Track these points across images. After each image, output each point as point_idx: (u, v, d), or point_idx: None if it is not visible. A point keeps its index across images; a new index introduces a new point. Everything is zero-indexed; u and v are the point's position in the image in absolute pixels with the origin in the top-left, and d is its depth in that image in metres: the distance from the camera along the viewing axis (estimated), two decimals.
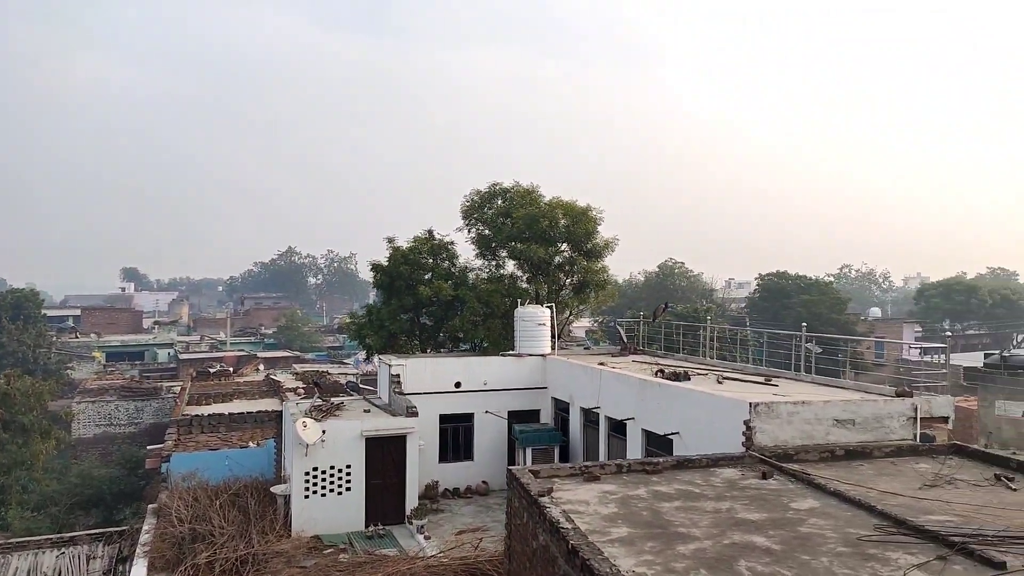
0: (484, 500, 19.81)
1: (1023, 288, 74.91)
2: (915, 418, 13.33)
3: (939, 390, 14.28)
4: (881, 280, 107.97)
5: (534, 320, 22.22)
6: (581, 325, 60.71)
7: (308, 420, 17.08)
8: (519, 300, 23.72)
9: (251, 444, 25.42)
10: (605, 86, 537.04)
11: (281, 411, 23.78)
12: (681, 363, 20.17)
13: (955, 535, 8.17)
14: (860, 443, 12.84)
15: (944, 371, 14.78)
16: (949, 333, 46.00)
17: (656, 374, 16.89)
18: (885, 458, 12.52)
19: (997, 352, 32.62)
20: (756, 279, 58.71)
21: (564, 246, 26.40)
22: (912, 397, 13.60)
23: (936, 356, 43.28)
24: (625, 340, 23.80)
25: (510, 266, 27.23)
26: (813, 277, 55.58)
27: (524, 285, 26.37)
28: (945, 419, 13.61)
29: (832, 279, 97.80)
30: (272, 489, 18.55)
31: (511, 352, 22.52)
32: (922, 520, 8.88)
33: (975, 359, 39.39)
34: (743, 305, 63.44)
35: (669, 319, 28.12)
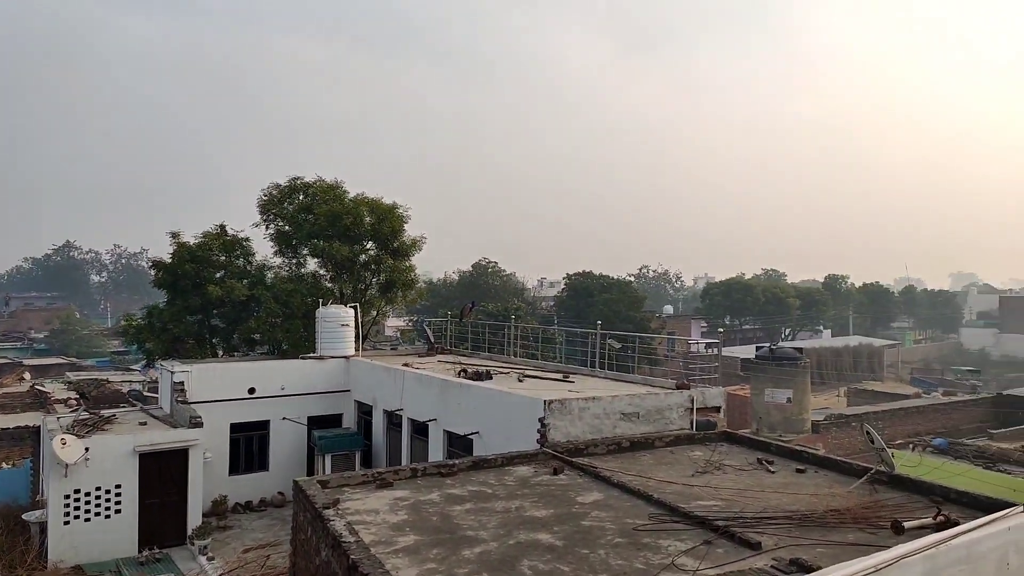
0: (280, 512, 18.66)
1: (790, 287, 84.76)
2: (692, 408, 14.31)
3: (712, 382, 15.47)
4: (674, 280, 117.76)
5: (337, 320, 21.35)
6: (396, 324, 60.04)
7: (68, 436, 15.05)
8: (321, 300, 22.69)
9: (4, 465, 22.11)
10: (418, 83, 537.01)
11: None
12: (486, 362, 20.31)
13: (719, 519, 8.74)
14: (644, 434, 13.55)
15: (716, 364, 15.97)
16: (721, 330, 50.78)
17: (459, 374, 16.81)
18: (665, 447, 13.31)
19: (767, 345, 36.55)
20: (564, 279, 61.25)
21: (370, 244, 25.67)
22: (689, 389, 14.59)
23: (712, 349, 47.68)
24: (432, 340, 23.61)
25: (312, 264, 26.04)
26: (615, 277, 59.00)
27: (327, 284, 25.30)
28: (717, 408, 14.73)
29: (633, 279, 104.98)
30: (24, 516, 16.18)
31: (312, 354, 21.48)
32: (692, 506, 9.42)
33: (750, 351, 43.76)
34: (552, 304, 66.00)
35: (478, 318, 28.36)
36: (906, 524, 8.19)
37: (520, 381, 16.16)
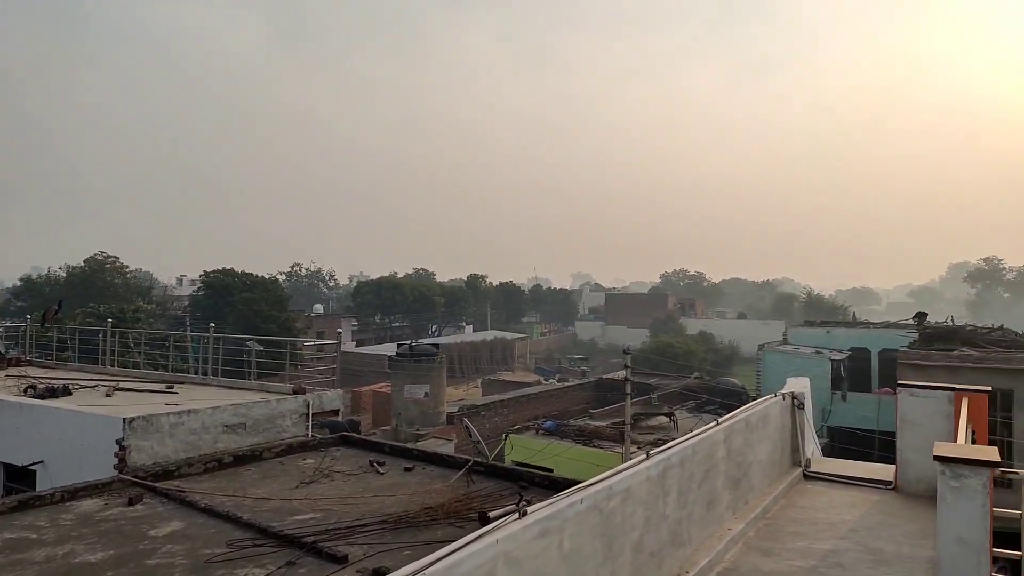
0: None
1: (437, 286, 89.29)
2: (308, 414, 13.57)
3: (331, 384, 14.95)
4: (328, 278, 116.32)
5: None
6: None
7: None
8: None
9: None
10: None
11: None
12: (75, 375, 17.11)
13: (310, 535, 8.12)
14: (252, 447, 12.42)
15: (334, 366, 15.47)
16: (340, 330, 51.21)
17: (25, 391, 13.75)
18: (275, 458, 12.36)
19: (408, 343, 37.60)
20: (201, 276, 56.06)
21: None
22: (305, 393, 13.84)
23: (329, 350, 47.79)
24: (3, 350, 19.26)
25: None
26: (259, 275, 55.73)
27: None
28: (336, 412, 14.22)
29: (283, 277, 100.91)
30: None
31: None
32: (287, 523, 8.67)
33: (393, 349, 44.44)
34: (187, 304, 60.00)
35: (78, 321, 24.07)
36: (491, 513, 8.46)
37: (108, 396, 13.79)
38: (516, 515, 3.92)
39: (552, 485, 10.01)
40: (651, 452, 5.58)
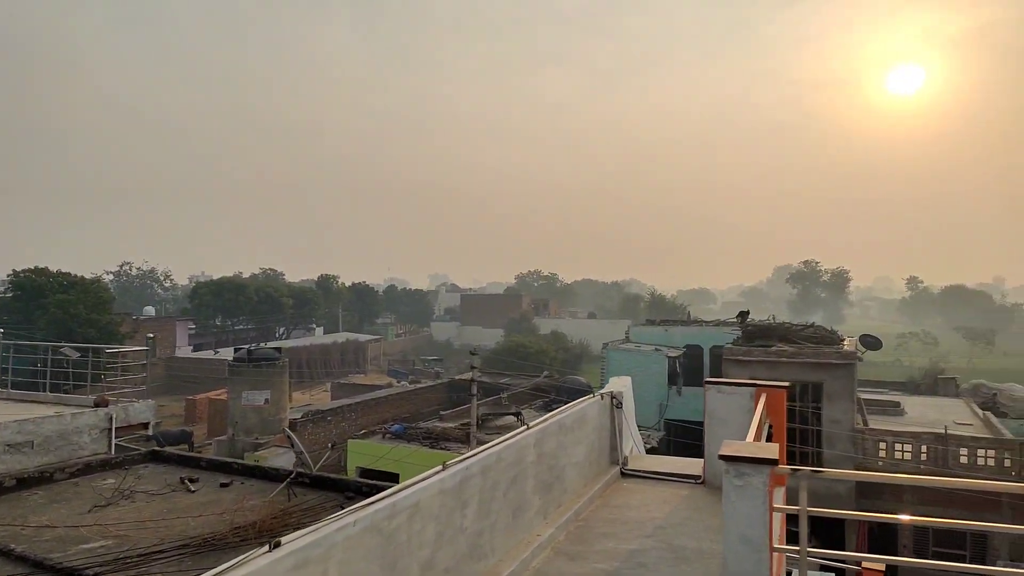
0: None
1: (285, 287, 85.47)
2: (111, 428, 12.25)
3: (140, 394, 13.61)
4: (163, 279, 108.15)
5: None
6: None
7: None
8: None
9: None
10: None
11: None
12: None
13: (95, 565, 7.20)
14: (40, 467, 11.01)
15: (144, 375, 14.13)
16: (152, 335, 47.77)
17: None
18: (69, 480, 11.01)
19: (245, 347, 35.47)
20: (9, 276, 50.17)
21: None
22: (108, 405, 12.50)
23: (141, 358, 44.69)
24: None
25: None
26: (79, 275, 50.68)
27: None
28: (145, 425, 12.96)
29: (111, 277, 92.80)
30: None
31: None
32: (72, 552, 7.66)
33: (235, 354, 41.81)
34: None
35: None
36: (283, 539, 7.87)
37: None
38: (266, 548, 3.46)
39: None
40: (448, 462, 5.29)
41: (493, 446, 6.05)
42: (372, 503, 4.35)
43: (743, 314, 31.60)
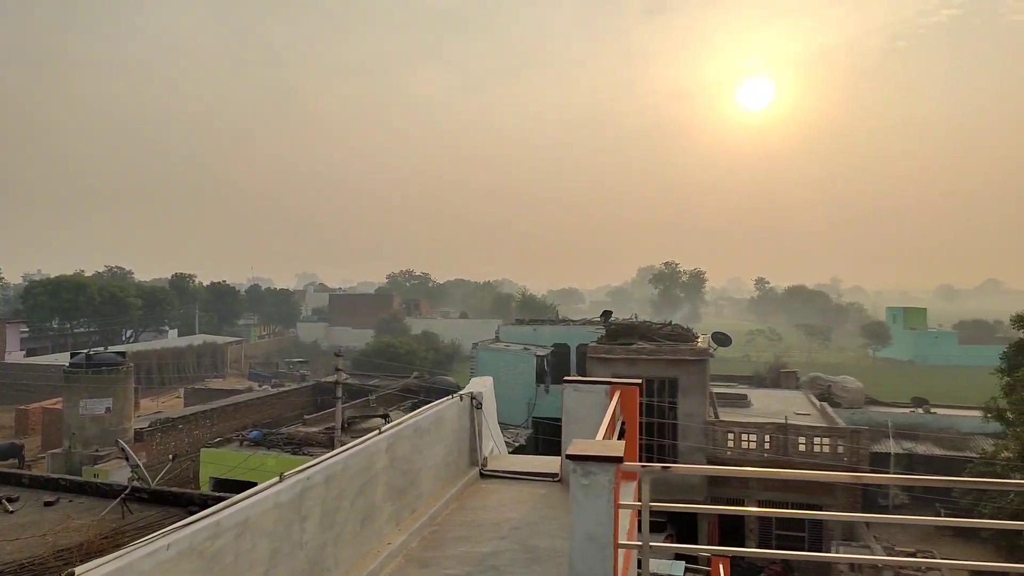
0: None
1: (133, 286, 79.53)
2: None
3: None
4: None
5: None
6: None
7: None
8: None
9: None
10: None
11: None
12: None
13: None
14: None
15: None
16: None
17: None
18: None
19: (83, 352, 32.56)
20: None
21: None
22: None
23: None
24: None
25: None
26: None
27: None
28: None
29: None
30: None
31: None
32: None
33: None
34: None
35: None
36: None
37: None
38: None
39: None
40: (286, 473, 4.94)
41: (339, 453, 5.74)
42: (191, 523, 3.95)
43: (606, 313, 32.65)
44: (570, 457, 4.91)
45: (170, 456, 23.44)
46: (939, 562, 20.33)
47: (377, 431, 6.56)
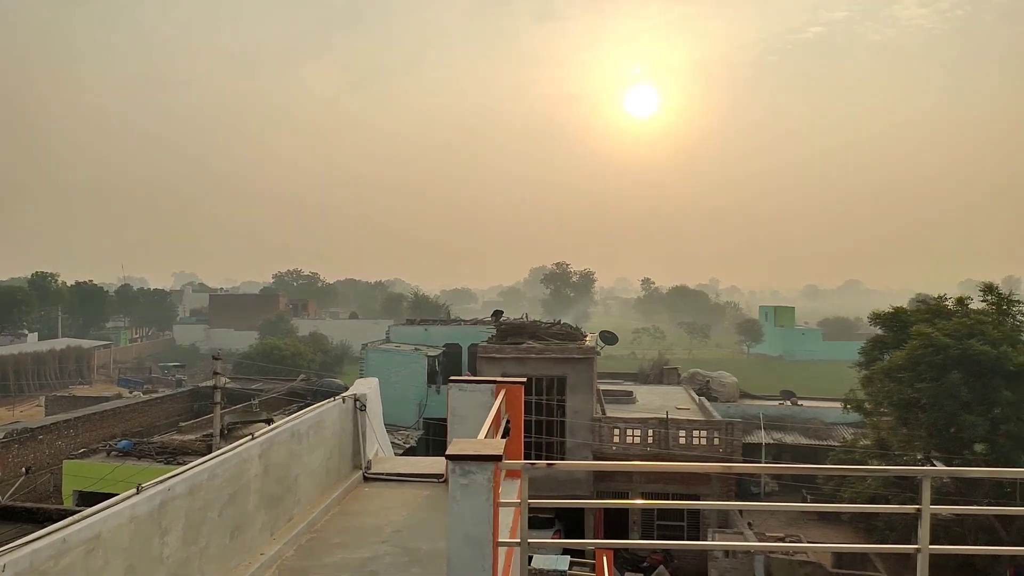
0: None
1: None
2: None
3: None
4: None
5: None
6: None
7: None
8: None
9: None
10: None
11: None
12: None
13: None
14: None
15: None
16: None
17: None
18: None
19: None
20: None
21: None
22: None
23: None
24: None
25: None
26: None
27: None
28: None
29: None
30: None
31: None
32: None
33: None
34: None
35: None
36: None
37: None
38: None
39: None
40: (143, 484, 4.62)
41: (205, 461, 5.43)
42: (32, 540, 3.62)
43: (497, 313, 32.87)
44: (449, 457, 4.87)
45: (24, 469, 21.59)
46: (805, 546, 21.79)
47: (250, 437, 6.26)
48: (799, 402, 39.74)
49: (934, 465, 21.90)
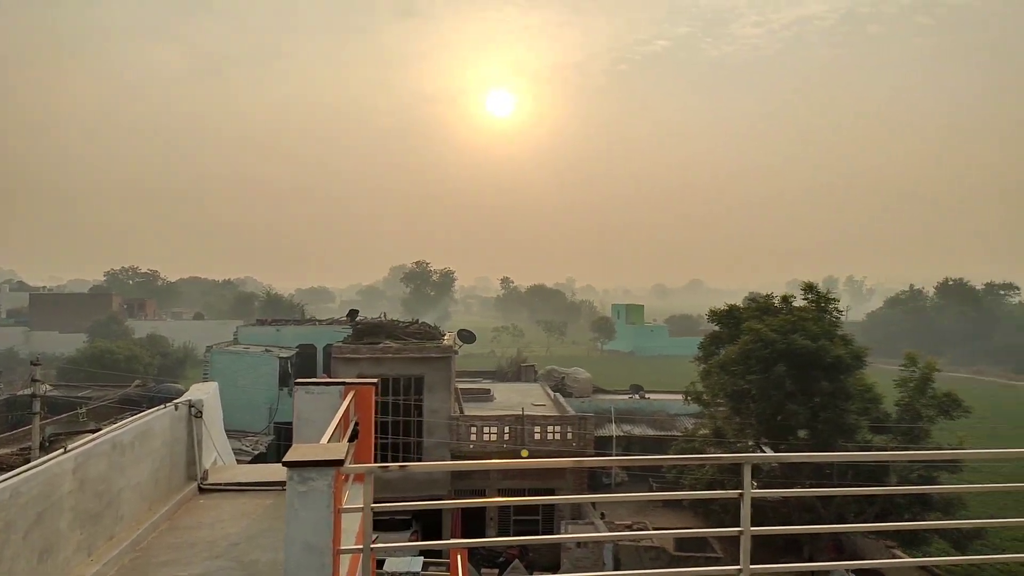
0: None
1: None
2: None
3: None
4: None
5: None
6: None
7: None
8: None
9: None
10: None
11: None
12: None
13: None
14: None
15: None
16: None
17: None
18: None
19: None
20: None
21: None
22: None
23: None
24: None
25: None
26: None
27: None
28: None
29: None
30: None
31: None
32: None
33: None
34: None
35: None
36: None
37: None
38: None
39: None
40: None
41: (6, 479, 4.84)
42: None
43: (352, 313, 32.11)
44: (286, 464, 4.64)
45: None
46: (650, 533, 22.96)
47: (62, 450, 5.66)
48: (647, 395, 41.81)
49: (763, 451, 23.74)
